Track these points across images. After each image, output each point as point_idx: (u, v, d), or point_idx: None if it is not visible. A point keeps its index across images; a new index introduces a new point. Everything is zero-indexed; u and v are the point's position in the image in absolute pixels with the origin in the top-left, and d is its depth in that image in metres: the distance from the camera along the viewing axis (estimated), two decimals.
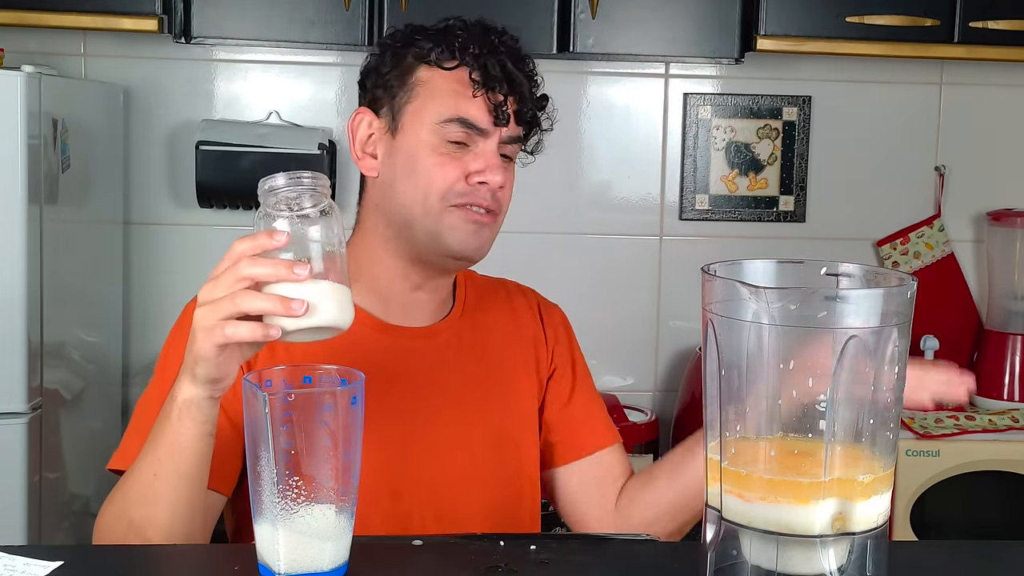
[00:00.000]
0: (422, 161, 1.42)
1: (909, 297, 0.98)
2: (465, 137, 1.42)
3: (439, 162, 1.41)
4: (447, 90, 1.42)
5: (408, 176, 1.43)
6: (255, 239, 1.11)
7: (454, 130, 1.41)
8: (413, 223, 1.43)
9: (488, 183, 1.41)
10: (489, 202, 1.43)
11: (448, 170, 1.41)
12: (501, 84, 1.41)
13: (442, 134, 1.42)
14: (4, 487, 2.16)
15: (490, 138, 1.42)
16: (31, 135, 2.17)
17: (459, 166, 1.41)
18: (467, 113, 1.41)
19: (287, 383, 1.09)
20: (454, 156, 1.42)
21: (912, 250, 3.04)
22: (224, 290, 1.11)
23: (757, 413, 0.98)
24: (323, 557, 1.05)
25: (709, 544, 1.03)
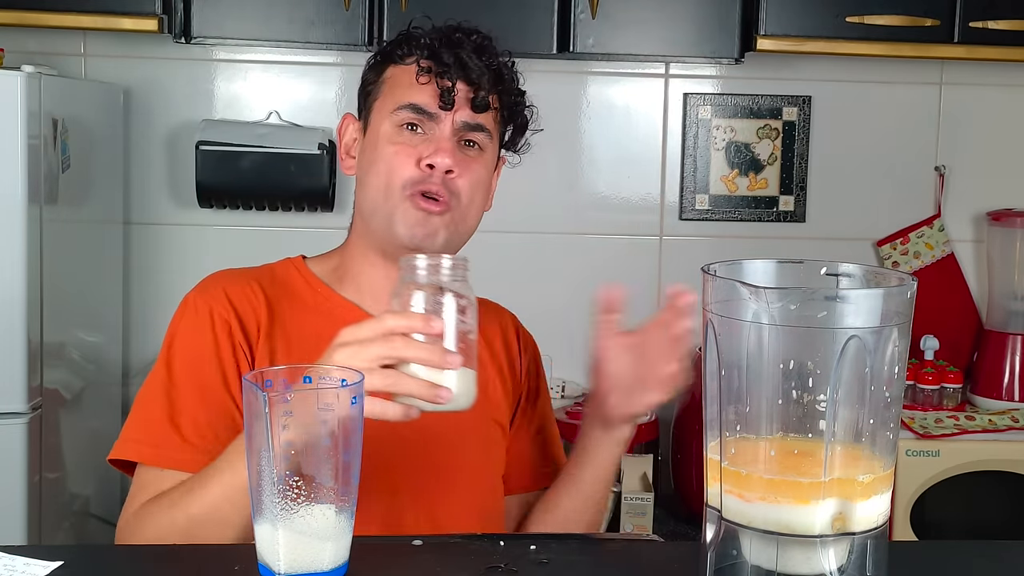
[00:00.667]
0: (381, 151, 1.47)
1: (909, 297, 0.98)
2: (417, 121, 1.46)
3: (395, 150, 1.46)
4: (403, 81, 1.48)
5: (371, 167, 1.48)
6: (411, 320, 1.16)
7: (405, 115, 1.46)
8: (375, 212, 1.47)
9: (435, 166, 1.44)
10: (440, 187, 1.44)
11: (402, 157, 1.45)
12: (450, 70, 1.45)
13: (395, 121, 1.47)
14: (4, 487, 2.16)
15: (441, 122, 1.46)
16: (31, 135, 2.17)
17: (413, 152, 1.45)
18: (415, 98, 1.46)
19: (287, 383, 1.09)
20: (409, 144, 1.46)
21: (912, 250, 3.04)
22: (368, 362, 1.15)
23: (757, 413, 0.98)
24: (323, 557, 1.05)
25: (709, 544, 1.03)
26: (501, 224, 2.96)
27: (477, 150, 1.49)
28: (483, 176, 1.50)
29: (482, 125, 1.48)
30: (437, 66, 1.45)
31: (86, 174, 2.54)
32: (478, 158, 1.49)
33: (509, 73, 1.51)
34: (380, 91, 1.51)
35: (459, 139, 1.47)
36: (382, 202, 1.46)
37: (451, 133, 1.46)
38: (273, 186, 2.79)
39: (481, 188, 1.49)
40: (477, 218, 1.52)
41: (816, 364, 0.96)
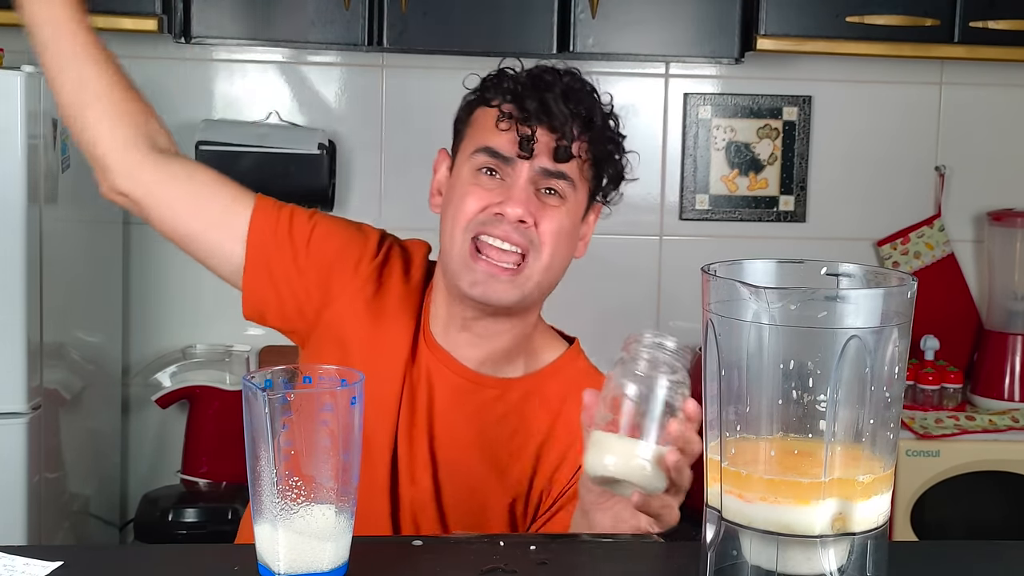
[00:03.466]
0: (456, 192, 1.46)
1: (909, 297, 0.98)
2: (494, 166, 1.43)
3: (468, 191, 1.44)
4: (486, 124, 1.45)
5: (447, 207, 1.47)
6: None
7: (482, 160, 1.43)
8: (446, 254, 1.46)
9: (505, 215, 1.41)
10: (509, 234, 1.41)
11: (473, 199, 1.43)
12: (532, 116, 1.41)
13: (473, 165, 1.44)
14: (4, 487, 2.16)
15: (518, 169, 1.42)
16: (31, 135, 2.17)
17: (485, 196, 1.43)
18: (494, 142, 1.43)
19: (287, 383, 1.09)
20: (485, 187, 1.43)
21: (912, 250, 3.04)
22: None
23: (757, 413, 0.98)
24: (323, 557, 1.05)
25: (709, 544, 1.03)
26: None
27: (558, 198, 1.44)
28: (565, 224, 1.45)
29: (564, 173, 1.43)
30: (519, 111, 1.41)
31: (86, 174, 2.52)
32: (559, 206, 1.44)
33: (602, 118, 1.46)
34: (466, 132, 1.48)
35: (538, 187, 1.43)
36: (449, 244, 1.45)
37: (527, 181, 1.42)
38: (273, 186, 2.74)
39: (564, 236, 1.45)
40: (563, 268, 1.49)
41: (816, 364, 0.96)
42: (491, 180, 1.43)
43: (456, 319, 1.48)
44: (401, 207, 2.85)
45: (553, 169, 1.42)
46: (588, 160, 1.45)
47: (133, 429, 2.92)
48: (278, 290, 1.50)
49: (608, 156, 1.48)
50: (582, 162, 1.45)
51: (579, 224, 1.50)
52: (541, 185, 1.43)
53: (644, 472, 1.14)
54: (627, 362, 1.19)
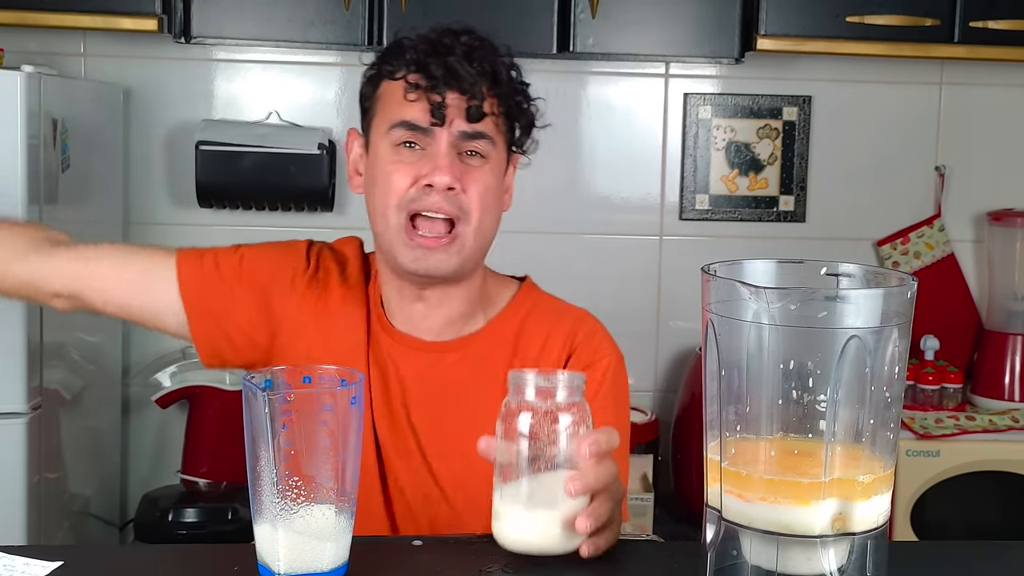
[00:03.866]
0: (380, 171, 1.46)
1: (909, 297, 0.98)
2: (412, 138, 1.44)
3: (392, 169, 1.45)
4: (394, 98, 1.45)
5: (373, 188, 1.48)
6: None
7: (399, 134, 1.44)
8: (380, 235, 1.48)
9: (434, 185, 1.42)
10: (441, 204, 1.42)
11: (400, 176, 1.44)
12: (440, 82, 1.41)
13: (391, 140, 1.45)
14: (4, 487, 2.16)
15: (437, 138, 1.43)
16: (31, 135, 2.17)
17: (411, 171, 1.44)
18: (407, 115, 1.43)
19: (287, 383, 1.09)
20: (407, 162, 1.44)
21: (912, 250, 3.04)
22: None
23: (757, 413, 0.98)
24: (323, 557, 1.05)
25: (709, 544, 1.03)
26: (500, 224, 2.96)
27: (480, 158, 1.45)
28: (491, 183, 1.46)
29: (482, 132, 1.44)
30: (426, 80, 1.42)
31: (86, 174, 2.53)
32: (482, 166, 1.45)
33: (506, 72, 1.46)
34: (376, 108, 1.49)
35: (459, 151, 1.44)
36: (383, 227, 1.46)
37: (448, 148, 1.43)
38: (273, 186, 2.78)
39: (491, 195, 1.47)
40: (494, 225, 1.50)
41: (816, 364, 0.96)
42: (412, 153, 1.44)
43: (407, 295, 1.50)
44: None
45: (471, 131, 1.44)
46: (500, 114, 1.47)
47: (133, 429, 2.92)
48: (225, 330, 1.53)
49: (518, 107, 1.49)
50: (496, 117, 1.46)
51: (502, 179, 1.52)
52: (462, 148, 1.44)
53: (554, 542, 1.11)
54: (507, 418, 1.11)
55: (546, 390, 1.10)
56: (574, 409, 1.10)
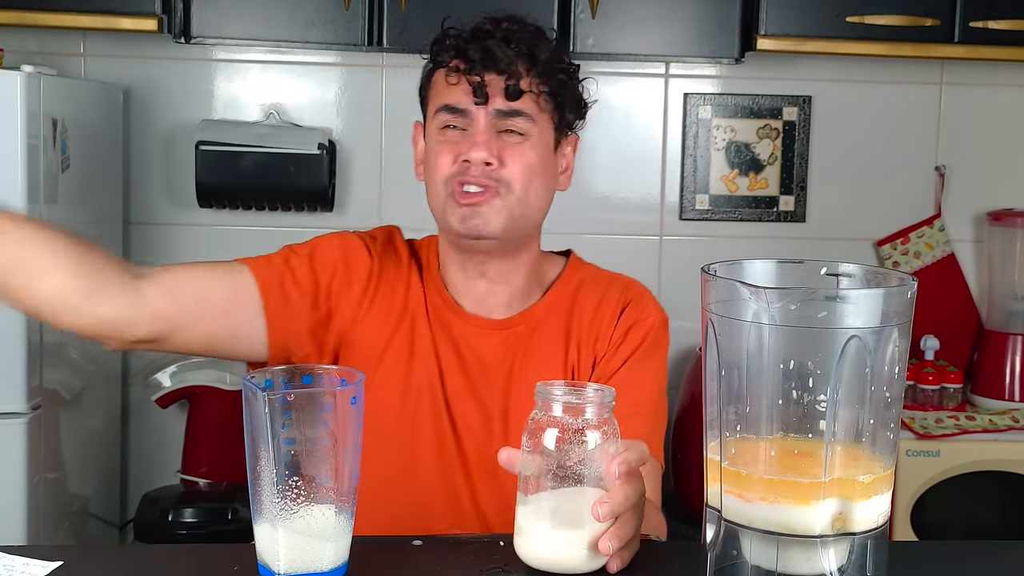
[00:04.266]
0: (430, 154, 1.53)
1: (909, 297, 0.98)
2: (455, 121, 1.50)
3: (439, 150, 1.51)
4: (440, 85, 1.52)
5: (428, 172, 1.54)
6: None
7: (443, 118, 1.51)
8: (437, 212, 1.53)
9: (471, 160, 1.47)
10: (479, 178, 1.48)
11: (444, 156, 1.50)
12: (477, 64, 1.47)
13: (437, 124, 1.52)
14: (4, 487, 2.16)
15: (476, 118, 1.49)
16: (31, 135, 2.17)
17: (453, 150, 1.50)
18: (448, 99, 1.50)
19: (287, 383, 1.09)
20: (451, 141, 1.50)
21: (912, 250, 3.04)
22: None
23: (757, 413, 0.98)
24: (323, 557, 1.05)
25: (709, 544, 1.02)
26: None
27: (518, 136, 1.50)
28: (532, 158, 1.50)
29: (519, 111, 1.49)
30: (465, 63, 1.48)
31: (86, 174, 2.54)
32: (522, 143, 1.50)
33: (547, 52, 1.51)
34: (428, 97, 1.56)
35: (499, 129, 1.49)
36: (436, 202, 1.52)
37: (486, 126, 1.48)
38: (273, 186, 2.79)
39: (535, 171, 1.51)
40: (543, 200, 1.56)
41: (816, 364, 0.96)
42: (455, 133, 1.50)
43: (470, 272, 1.56)
44: (401, 207, 2.85)
45: (507, 109, 1.49)
46: (542, 93, 1.51)
47: (133, 429, 2.92)
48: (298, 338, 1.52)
49: (562, 85, 1.53)
50: (536, 96, 1.51)
51: (551, 157, 1.56)
52: (501, 127, 1.49)
53: (578, 561, 1.09)
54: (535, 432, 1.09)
55: (575, 407, 1.08)
56: (604, 426, 1.08)
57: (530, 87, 1.49)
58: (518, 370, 1.54)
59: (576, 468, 1.07)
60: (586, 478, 1.08)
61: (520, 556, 1.11)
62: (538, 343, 1.56)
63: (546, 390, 1.09)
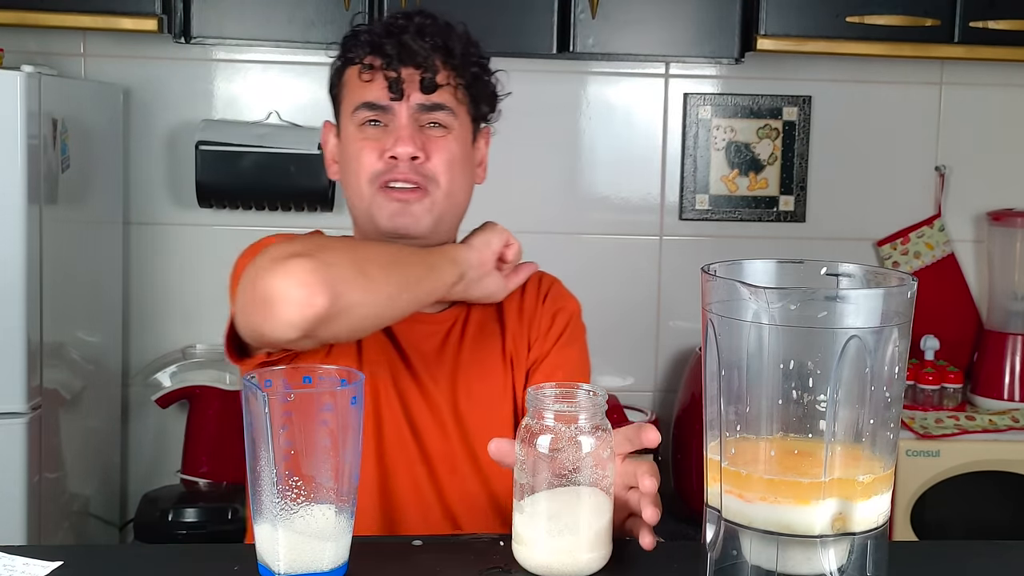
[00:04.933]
0: (350, 152, 1.52)
1: (909, 297, 0.98)
2: (375, 117, 1.50)
3: (360, 147, 1.51)
4: (355, 82, 1.52)
5: (346, 170, 1.54)
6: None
7: (362, 115, 1.51)
8: (360, 211, 1.52)
9: (397, 156, 1.47)
10: (408, 174, 1.48)
11: (367, 152, 1.50)
12: (393, 59, 1.48)
13: (356, 121, 1.51)
14: (4, 487, 2.16)
15: (397, 113, 1.49)
16: (31, 135, 2.17)
17: (377, 147, 1.49)
18: (367, 95, 1.50)
19: (287, 383, 1.09)
20: (373, 139, 1.50)
21: (912, 250, 3.04)
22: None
23: (757, 413, 0.98)
24: (323, 557, 1.05)
25: (709, 544, 1.03)
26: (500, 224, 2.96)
27: (441, 129, 1.51)
28: (456, 152, 1.51)
29: (440, 104, 1.50)
30: (381, 58, 1.48)
31: (86, 174, 2.54)
32: (444, 135, 1.51)
33: (461, 46, 1.52)
34: (342, 95, 1.55)
35: (420, 124, 1.50)
36: (359, 201, 1.51)
37: (408, 120, 1.49)
38: (273, 186, 2.79)
39: (458, 164, 1.52)
40: (466, 193, 1.56)
41: (816, 364, 0.96)
42: (376, 130, 1.50)
43: None
44: None
45: (428, 103, 1.50)
46: (458, 86, 1.52)
47: (133, 429, 2.92)
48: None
49: (476, 78, 1.55)
50: (454, 89, 1.52)
51: (471, 150, 1.57)
52: (423, 121, 1.50)
53: (578, 567, 1.09)
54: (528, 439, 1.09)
55: (568, 414, 1.08)
56: (597, 431, 1.08)
57: (447, 80, 1.50)
58: (460, 365, 1.55)
59: (571, 473, 1.07)
60: (582, 482, 1.08)
61: (520, 563, 1.11)
62: (475, 336, 1.57)
63: (538, 396, 1.09)
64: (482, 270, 1.49)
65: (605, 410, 1.10)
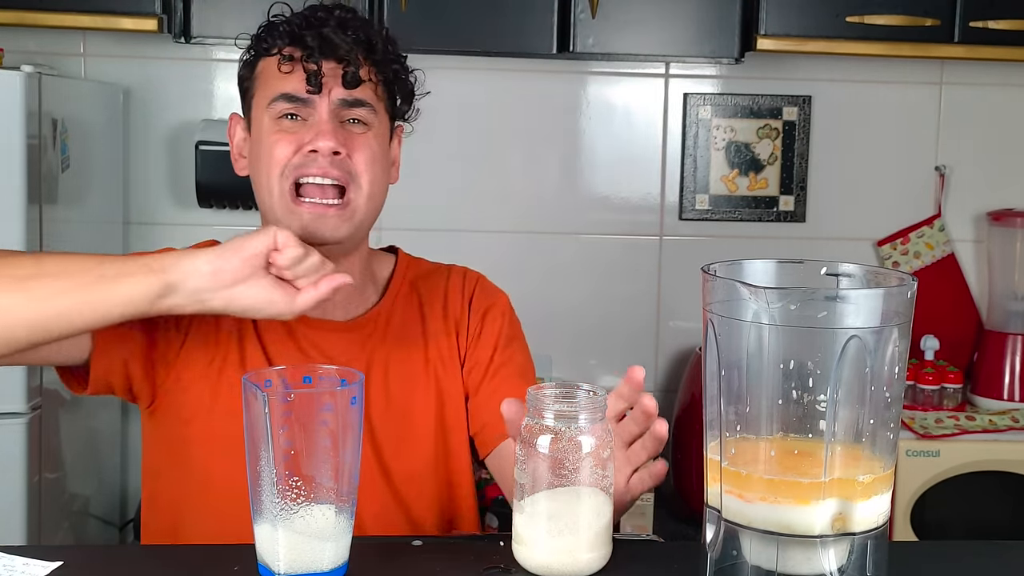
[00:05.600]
0: (263, 145, 1.46)
1: (909, 297, 0.98)
2: (293, 110, 1.44)
3: (275, 139, 1.44)
4: (272, 73, 1.46)
5: (257, 163, 1.47)
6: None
7: (280, 107, 1.44)
8: (270, 209, 1.46)
9: (319, 150, 1.42)
10: (327, 169, 1.42)
11: (282, 145, 1.43)
12: (315, 51, 1.42)
13: (272, 114, 1.45)
14: (4, 487, 2.16)
15: (317, 107, 1.44)
16: (31, 135, 2.17)
17: (294, 139, 1.43)
18: (286, 87, 1.44)
19: (287, 383, 1.09)
20: (290, 132, 1.44)
21: (912, 250, 3.04)
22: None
23: (757, 413, 0.98)
24: (323, 557, 1.05)
25: (709, 544, 1.03)
26: (501, 224, 2.97)
27: (362, 125, 1.46)
28: (376, 149, 1.46)
29: (361, 100, 1.45)
30: (301, 50, 1.42)
31: (86, 174, 2.54)
32: (365, 132, 1.46)
33: (381, 42, 1.47)
34: (255, 87, 1.49)
35: (341, 119, 1.44)
36: (269, 198, 1.44)
37: (329, 115, 1.43)
38: None
39: (379, 163, 1.47)
40: (384, 194, 1.50)
41: (816, 364, 0.96)
42: (293, 124, 1.44)
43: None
44: (401, 207, 2.85)
45: (350, 98, 1.44)
46: (379, 82, 1.47)
47: (133, 429, 2.92)
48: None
49: (396, 76, 1.50)
50: (374, 85, 1.47)
51: (387, 149, 1.52)
52: (343, 117, 1.45)
53: (579, 567, 1.09)
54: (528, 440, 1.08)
55: (568, 414, 1.08)
56: (597, 431, 1.08)
57: (368, 76, 1.46)
58: (379, 373, 1.50)
59: (571, 473, 1.07)
60: (582, 482, 1.08)
61: (520, 563, 1.11)
62: (394, 342, 1.52)
63: (538, 397, 1.09)
64: (218, 280, 1.26)
65: (605, 410, 1.10)
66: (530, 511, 1.09)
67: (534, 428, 1.08)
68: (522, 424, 1.09)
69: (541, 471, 1.07)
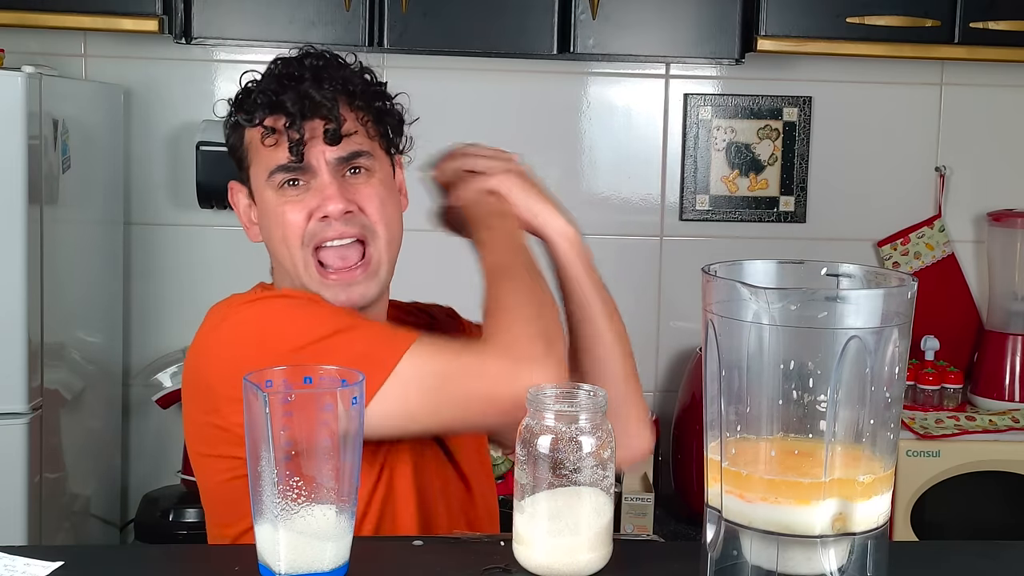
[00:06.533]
0: (273, 215, 1.45)
1: (909, 297, 0.98)
2: (294, 177, 1.43)
3: (284, 210, 1.43)
4: (261, 144, 1.45)
5: (271, 234, 1.46)
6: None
7: (279, 178, 1.43)
8: (297, 277, 1.45)
9: (329, 215, 1.41)
10: (343, 229, 1.42)
11: (293, 215, 1.43)
12: (296, 118, 1.40)
13: (273, 185, 1.44)
14: (4, 487, 2.16)
15: (318, 171, 1.42)
16: (31, 135, 2.17)
17: (302, 207, 1.43)
18: (280, 159, 1.42)
19: (287, 383, 1.09)
20: (296, 199, 1.43)
21: (912, 250, 3.04)
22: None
23: (757, 413, 0.98)
24: (323, 557, 1.05)
25: (709, 544, 1.03)
26: None
27: (365, 173, 1.45)
28: (384, 195, 1.46)
29: (358, 151, 1.44)
30: (284, 118, 1.41)
31: (86, 174, 2.54)
32: (369, 179, 1.45)
33: (360, 82, 1.46)
34: (248, 157, 1.48)
35: (343, 174, 1.44)
36: (293, 265, 1.44)
37: (331, 175, 1.42)
38: None
39: (389, 205, 1.47)
40: (400, 230, 1.50)
41: (816, 364, 0.96)
42: (297, 189, 1.43)
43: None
44: None
45: (346, 153, 1.43)
46: (369, 121, 1.46)
47: (133, 429, 2.92)
48: None
49: (381, 111, 1.48)
50: (365, 127, 1.45)
51: (394, 184, 1.51)
52: (344, 170, 1.44)
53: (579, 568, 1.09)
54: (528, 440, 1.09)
55: (568, 414, 1.08)
56: (597, 431, 1.08)
57: (356, 125, 1.44)
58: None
59: (571, 473, 1.08)
60: (582, 482, 1.08)
61: (521, 563, 1.11)
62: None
63: (538, 397, 1.09)
64: None
65: (605, 410, 1.10)
66: (530, 511, 1.09)
67: (534, 428, 1.08)
68: (522, 425, 1.10)
69: (541, 471, 1.08)
